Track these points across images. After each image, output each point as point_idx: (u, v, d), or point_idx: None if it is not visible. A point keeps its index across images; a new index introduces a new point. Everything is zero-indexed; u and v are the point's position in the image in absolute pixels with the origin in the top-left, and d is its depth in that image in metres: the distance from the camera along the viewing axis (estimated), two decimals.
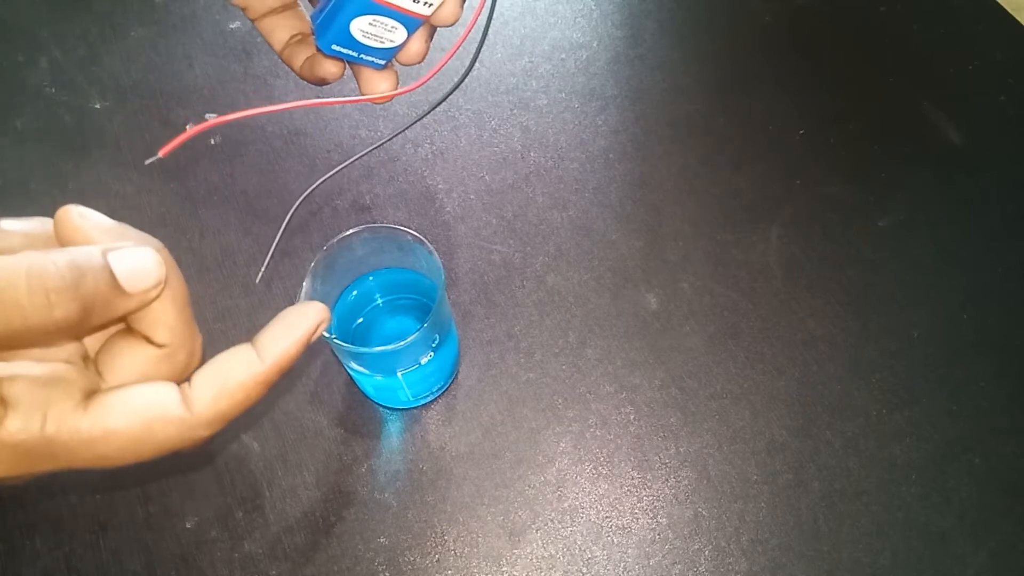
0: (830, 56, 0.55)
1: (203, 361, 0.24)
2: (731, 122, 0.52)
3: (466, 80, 0.41)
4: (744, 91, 0.53)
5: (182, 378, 0.24)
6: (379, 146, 0.49)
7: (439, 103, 0.48)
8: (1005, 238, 0.47)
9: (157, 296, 0.23)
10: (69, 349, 0.24)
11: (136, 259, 0.23)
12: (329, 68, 0.37)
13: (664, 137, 0.51)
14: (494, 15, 0.37)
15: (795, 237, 0.47)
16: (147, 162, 0.31)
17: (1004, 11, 0.56)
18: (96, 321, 0.22)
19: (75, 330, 0.21)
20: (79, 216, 0.23)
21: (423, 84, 0.39)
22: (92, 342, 0.25)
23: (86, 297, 0.21)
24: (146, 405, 0.22)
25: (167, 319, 0.24)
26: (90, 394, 0.22)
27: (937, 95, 0.52)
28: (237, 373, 0.24)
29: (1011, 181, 0.49)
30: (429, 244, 0.35)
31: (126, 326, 0.25)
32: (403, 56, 0.37)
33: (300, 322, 0.25)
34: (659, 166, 0.50)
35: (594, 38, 0.55)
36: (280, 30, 0.39)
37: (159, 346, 0.24)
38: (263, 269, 0.45)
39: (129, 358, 0.24)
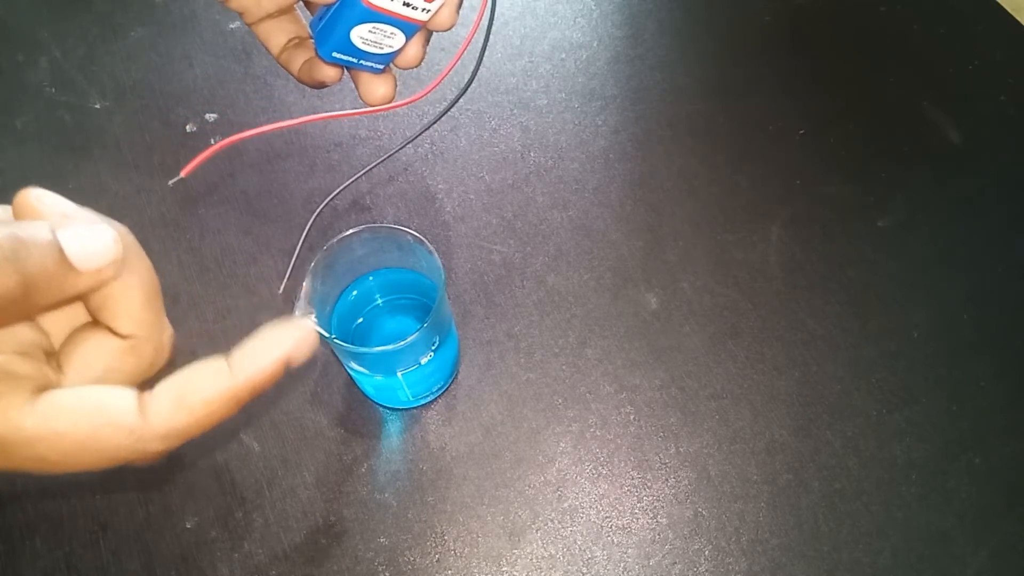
0: (830, 56, 0.55)
1: (175, 363, 0.23)
2: (731, 122, 0.52)
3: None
4: (744, 91, 0.53)
5: (150, 374, 0.23)
6: (391, 155, 0.49)
7: (445, 111, 0.48)
8: (1005, 238, 0.47)
9: (113, 277, 0.22)
10: (28, 339, 0.23)
11: (88, 236, 0.22)
12: (328, 72, 0.38)
13: (664, 137, 0.51)
14: (494, 21, 0.38)
15: (795, 237, 0.47)
16: (171, 183, 0.31)
17: (1004, 11, 0.56)
18: (44, 299, 0.21)
19: (19, 306, 0.21)
20: (36, 199, 0.22)
21: (426, 95, 0.39)
22: (57, 334, 0.24)
23: (28, 271, 0.20)
24: (96, 408, 0.21)
25: (131, 308, 0.23)
26: (41, 390, 0.21)
27: (937, 95, 0.52)
28: (202, 386, 0.22)
29: (1011, 181, 0.49)
30: (429, 244, 0.35)
31: (92, 319, 0.24)
32: (401, 60, 0.37)
33: (281, 339, 0.23)
34: (659, 166, 0.50)
35: (594, 38, 0.55)
36: (277, 34, 0.39)
37: (124, 337, 0.23)
38: (285, 280, 0.45)
39: (92, 350, 0.23)
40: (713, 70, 0.54)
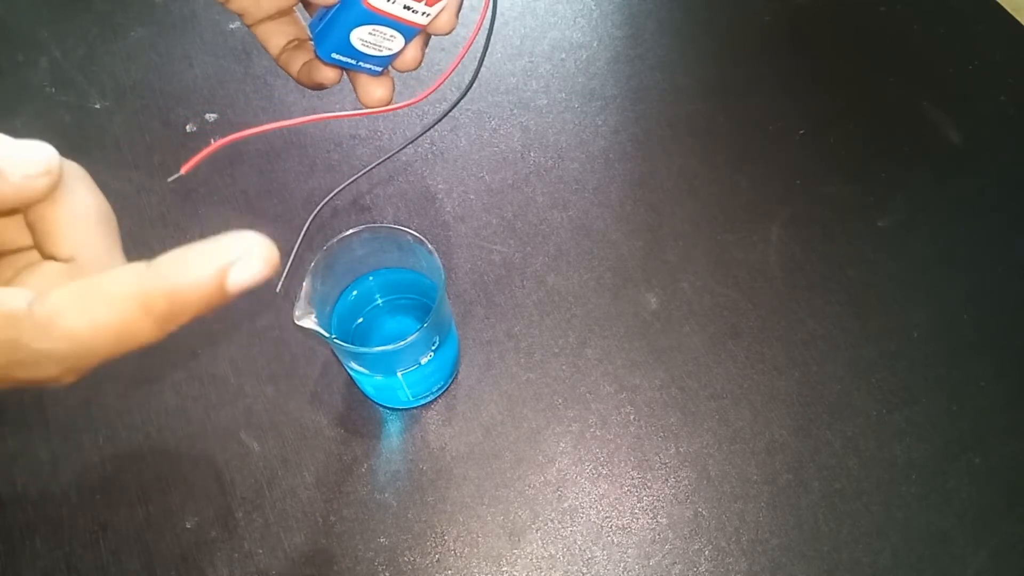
0: (830, 56, 0.55)
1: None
2: (731, 122, 0.52)
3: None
4: (744, 91, 0.53)
5: None
6: (392, 156, 0.49)
7: (446, 113, 0.48)
8: (1005, 238, 0.47)
9: (48, 189, 0.21)
10: None
11: (18, 146, 0.21)
12: (327, 74, 0.38)
13: (664, 137, 0.51)
14: (495, 22, 0.38)
15: (795, 237, 0.47)
16: (170, 180, 0.30)
17: (1004, 11, 0.56)
18: None
19: None
20: None
21: (426, 97, 0.39)
22: (8, 273, 0.23)
23: None
24: None
25: (72, 228, 0.22)
26: None
27: (937, 95, 0.52)
28: (109, 282, 0.19)
29: (1011, 181, 0.49)
30: (429, 244, 0.35)
31: (41, 257, 0.23)
32: (399, 63, 0.37)
33: (223, 248, 0.19)
34: (659, 166, 0.50)
35: (594, 38, 0.55)
36: (276, 36, 0.39)
37: (65, 261, 0.22)
38: (282, 279, 0.45)
39: (29, 276, 0.22)
40: (713, 70, 0.54)
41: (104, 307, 0.18)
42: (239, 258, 0.19)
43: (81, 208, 0.22)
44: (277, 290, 0.45)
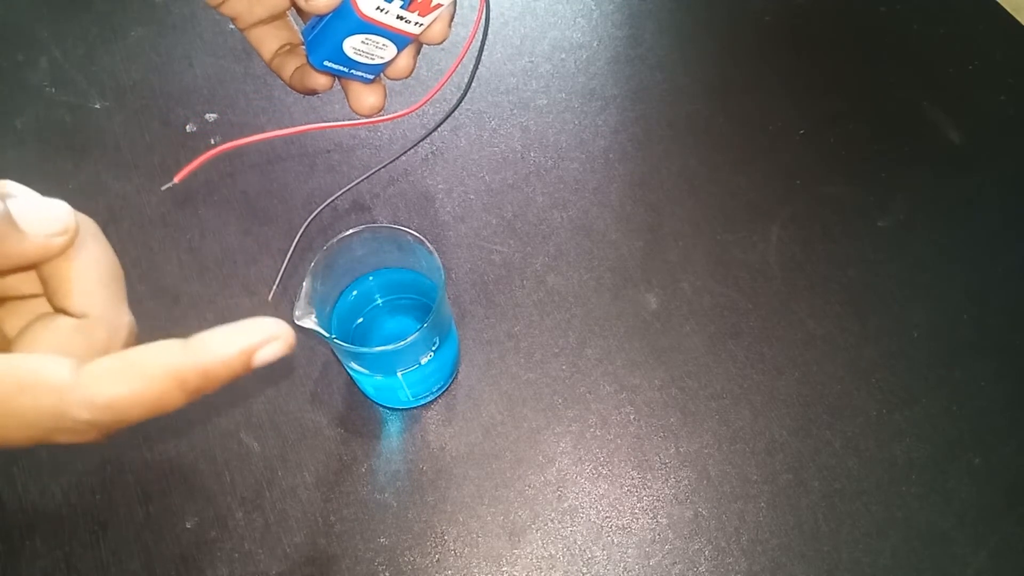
0: (830, 56, 0.55)
1: None
2: (731, 122, 0.52)
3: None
4: (744, 91, 0.53)
5: None
6: (393, 161, 0.49)
7: (447, 117, 0.48)
8: (1005, 238, 0.47)
9: (64, 247, 0.22)
10: None
11: (40, 204, 0.22)
12: (319, 80, 0.38)
13: (664, 137, 0.51)
14: (490, 23, 0.38)
15: (795, 237, 0.47)
16: (163, 188, 0.30)
17: (1004, 11, 0.56)
18: None
19: None
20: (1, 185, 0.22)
21: (422, 106, 0.40)
22: (14, 328, 0.24)
23: None
24: (26, 366, 0.20)
25: (84, 286, 0.23)
26: None
27: (937, 95, 0.52)
28: (146, 358, 0.20)
29: (1011, 181, 0.49)
30: (429, 244, 0.35)
31: (51, 310, 0.24)
32: (391, 71, 0.38)
33: (250, 330, 0.21)
34: (659, 166, 0.50)
35: (594, 38, 0.55)
36: (269, 40, 0.39)
37: (76, 316, 0.23)
38: (275, 286, 0.45)
39: (43, 330, 0.23)
40: (713, 70, 0.54)
41: (144, 381, 0.20)
42: (266, 341, 0.21)
43: (93, 264, 0.23)
44: (268, 299, 0.45)
